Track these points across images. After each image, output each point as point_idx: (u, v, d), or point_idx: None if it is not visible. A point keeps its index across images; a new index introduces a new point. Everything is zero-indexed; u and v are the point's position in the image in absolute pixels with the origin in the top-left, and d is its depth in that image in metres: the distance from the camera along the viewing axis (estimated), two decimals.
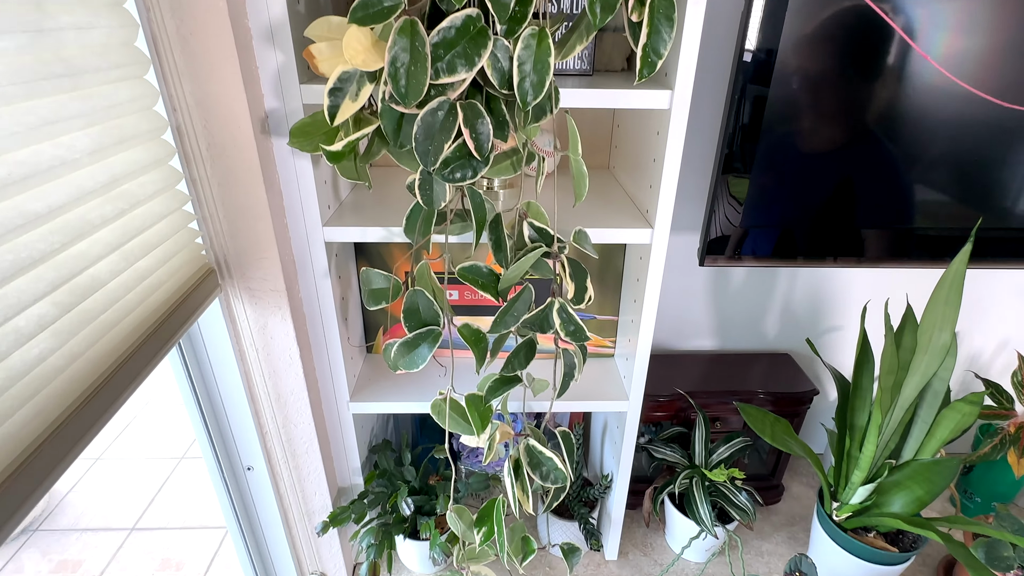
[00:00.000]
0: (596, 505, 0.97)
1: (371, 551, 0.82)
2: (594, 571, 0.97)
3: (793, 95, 0.70)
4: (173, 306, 0.55)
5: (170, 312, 0.55)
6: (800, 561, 0.79)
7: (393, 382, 0.85)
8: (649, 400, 0.97)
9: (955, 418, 0.74)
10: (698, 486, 0.90)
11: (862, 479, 0.81)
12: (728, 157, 0.73)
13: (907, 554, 0.83)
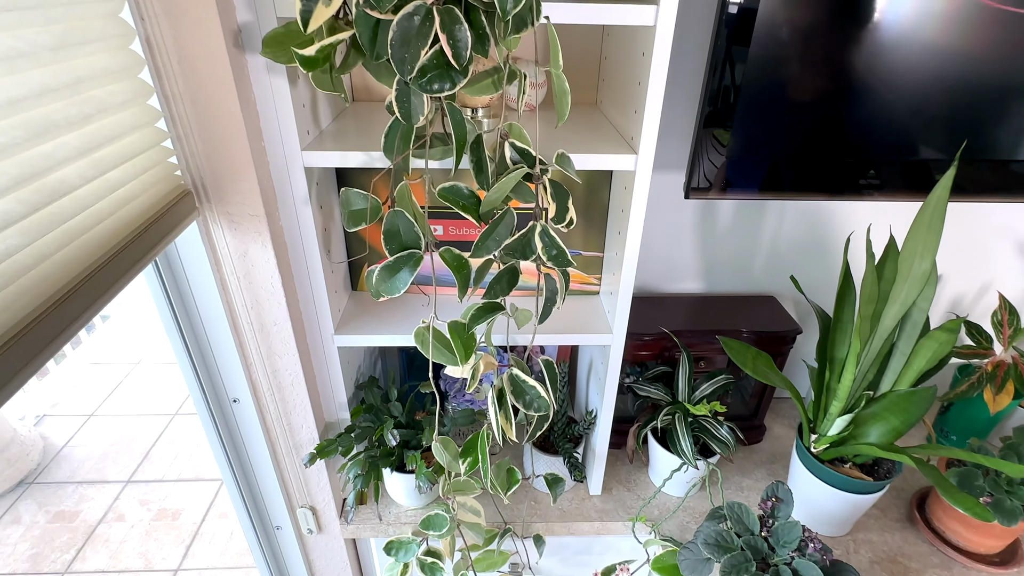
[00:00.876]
0: (581, 441, 0.99)
1: (358, 481, 0.83)
2: (578, 505, 0.99)
3: (781, 17, 0.68)
4: (148, 221, 0.55)
5: (145, 227, 0.54)
6: (777, 488, 0.81)
7: (378, 316, 0.85)
8: (634, 339, 0.98)
9: (932, 347, 0.76)
10: (681, 421, 0.92)
11: (840, 409, 0.83)
12: (715, 87, 0.72)
13: (882, 482, 0.86)
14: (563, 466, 0.96)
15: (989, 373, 1.00)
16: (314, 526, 0.97)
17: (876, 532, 0.96)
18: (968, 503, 0.67)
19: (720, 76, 0.72)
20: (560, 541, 1.03)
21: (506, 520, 0.97)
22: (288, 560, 1.02)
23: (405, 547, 0.90)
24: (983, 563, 0.89)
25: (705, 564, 0.80)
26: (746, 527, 0.80)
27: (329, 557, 1.02)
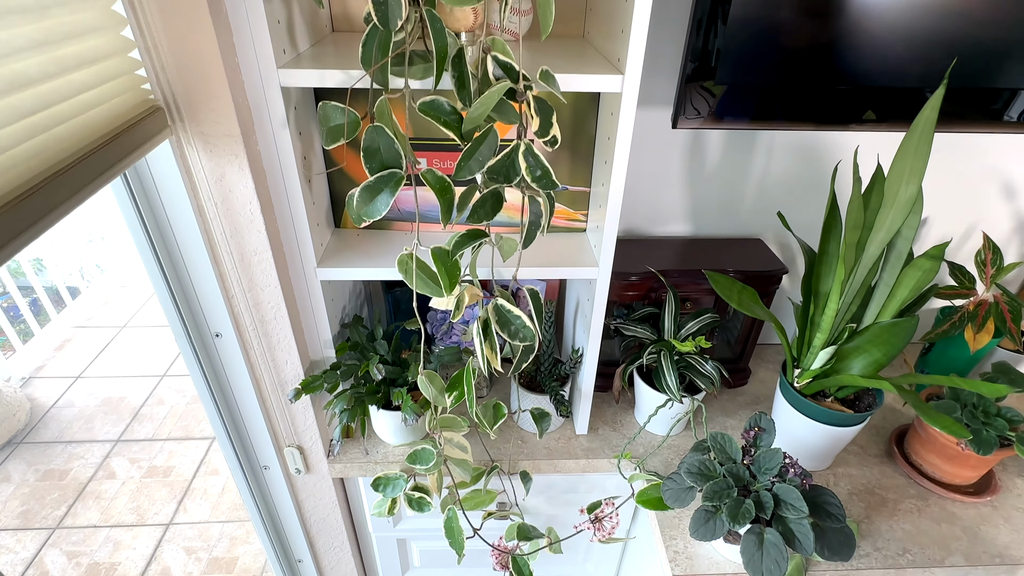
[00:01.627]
0: (567, 381, 0.99)
1: (344, 416, 0.83)
2: (565, 444, 1.00)
3: None
4: (115, 132, 0.53)
5: (111, 136, 0.52)
6: (759, 418, 0.82)
7: (362, 251, 0.83)
8: (620, 279, 0.97)
9: (916, 276, 0.76)
10: (666, 357, 0.92)
11: (823, 342, 0.83)
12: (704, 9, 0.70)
13: (862, 415, 0.87)
14: (550, 404, 0.96)
15: (971, 312, 1.01)
16: (302, 466, 0.97)
17: (855, 467, 0.98)
18: (945, 422, 0.68)
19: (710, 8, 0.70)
20: (546, 480, 1.05)
21: (493, 459, 0.98)
22: (277, 500, 1.03)
23: (392, 483, 0.90)
24: (958, 493, 0.92)
25: (688, 493, 0.81)
26: (729, 456, 0.81)
27: (317, 497, 1.03)
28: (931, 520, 0.89)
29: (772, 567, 0.70)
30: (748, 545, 0.72)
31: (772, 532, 0.72)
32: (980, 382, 0.67)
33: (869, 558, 0.84)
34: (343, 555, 1.14)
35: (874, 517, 0.89)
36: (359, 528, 1.15)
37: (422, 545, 1.17)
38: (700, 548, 0.85)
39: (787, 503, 0.73)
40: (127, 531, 1.78)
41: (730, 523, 0.73)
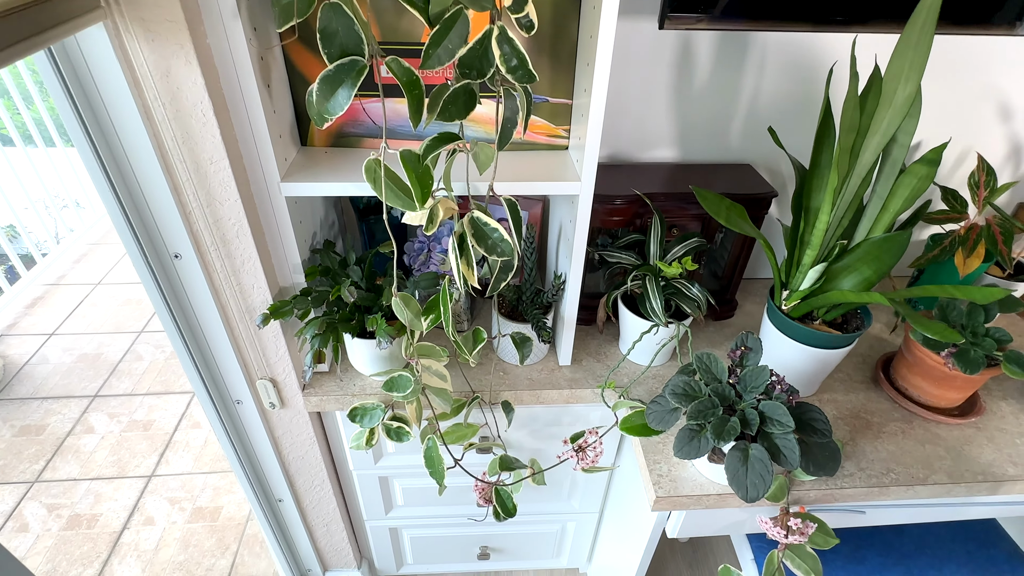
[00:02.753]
0: (550, 309, 0.96)
1: (315, 341, 0.80)
2: (548, 375, 0.98)
3: None
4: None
5: (25, 4, 0.46)
6: (746, 337, 0.80)
7: (330, 167, 0.78)
8: (605, 203, 0.93)
9: (911, 184, 0.73)
10: (651, 281, 0.89)
11: (813, 259, 0.80)
12: None
13: (850, 335, 0.85)
14: (531, 332, 0.93)
15: (961, 237, 0.99)
16: (276, 400, 0.94)
17: (841, 393, 0.97)
18: (937, 328, 0.66)
19: None
20: (530, 413, 1.03)
21: (474, 390, 0.95)
22: (252, 437, 1.00)
23: (369, 413, 0.88)
24: (943, 415, 0.91)
25: (672, 414, 0.79)
26: (714, 376, 0.79)
27: (295, 433, 1.00)
28: (915, 441, 0.89)
29: (756, 481, 0.69)
30: (732, 461, 0.71)
31: (757, 447, 0.71)
32: (973, 288, 0.64)
33: (853, 477, 0.83)
34: (324, 494, 1.13)
35: (859, 439, 0.89)
36: (340, 466, 1.13)
37: (404, 483, 1.15)
38: (684, 471, 0.83)
39: (773, 419, 0.72)
40: (108, 483, 1.76)
41: (714, 440, 0.71)
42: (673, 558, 1.55)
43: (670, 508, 0.82)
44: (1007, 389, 0.99)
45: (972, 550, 1.08)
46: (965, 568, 1.05)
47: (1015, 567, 1.05)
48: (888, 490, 0.82)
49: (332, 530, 1.22)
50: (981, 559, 1.07)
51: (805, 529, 0.72)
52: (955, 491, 0.84)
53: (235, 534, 1.63)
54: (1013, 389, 0.99)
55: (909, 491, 0.83)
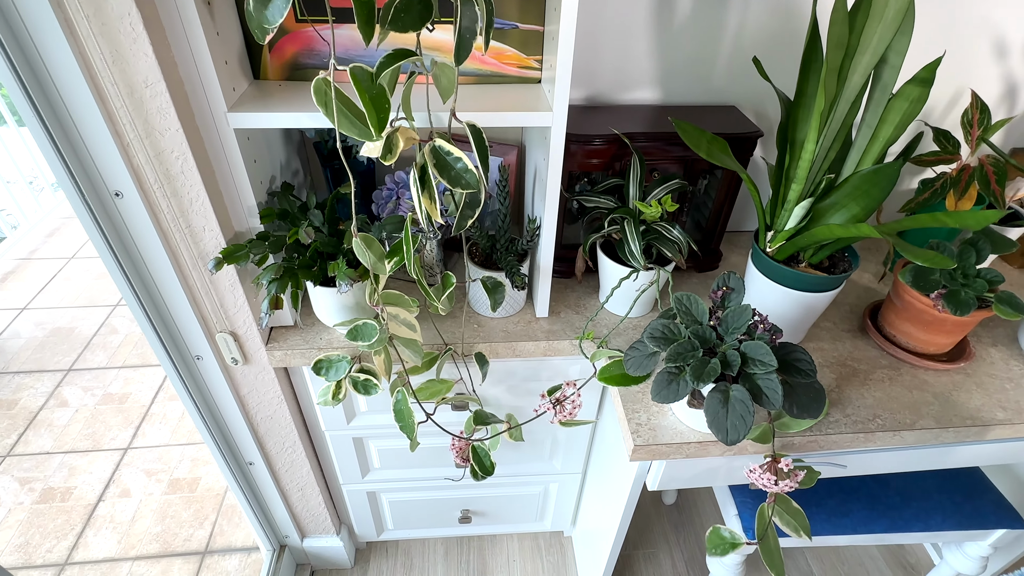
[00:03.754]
0: (526, 257, 0.92)
1: (272, 287, 0.75)
2: (524, 327, 0.94)
3: None
4: None
5: None
6: (728, 277, 0.76)
7: (281, 99, 0.73)
8: (582, 143, 0.89)
9: (902, 108, 0.68)
10: (629, 224, 0.85)
11: (799, 194, 0.76)
12: None
13: (838, 276, 0.81)
14: (505, 279, 0.89)
15: (953, 178, 0.95)
16: (238, 355, 0.89)
17: (828, 341, 0.94)
18: (929, 256, 0.62)
19: None
20: (506, 368, 0.99)
21: (447, 343, 0.91)
22: (216, 395, 0.96)
23: (335, 365, 0.83)
24: (931, 361, 0.88)
25: (651, 359, 0.76)
26: (694, 318, 0.75)
27: (261, 392, 0.96)
28: (903, 388, 0.86)
29: (737, 423, 0.66)
30: (712, 403, 0.67)
31: (738, 388, 0.67)
32: (965, 212, 0.60)
33: (838, 424, 0.80)
34: (296, 456, 1.09)
35: (844, 387, 0.86)
36: (312, 427, 1.09)
37: (380, 444, 1.12)
38: (663, 419, 0.80)
39: (755, 359, 0.68)
40: (82, 456, 1.72)
41: (694, 382, 0.67)
42: (659, 521, 1.54)
43: (649, 458, 0.78)
44: (997, 336, 0.96)
45: (959, 501, 1.06)
46: (951, 519, 1.04)
47: (1001, 518, 1.04)
48: (874, 436, 0.79)
49: (307, 495, 1.19)
50: (967, 510, 1.05)
51: (796, 474, 0.69)
52: (943, 436, 0.81)
53: (214, 504, 1.59)
54: (1003, 335, 0.96)
55: (896, 437, 0.80)
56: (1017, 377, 0.88)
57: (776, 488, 0.70)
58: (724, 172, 0.97)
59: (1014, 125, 1.09)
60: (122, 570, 1.44)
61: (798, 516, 0.72)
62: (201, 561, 1.46)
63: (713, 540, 0.71)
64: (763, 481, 0.70)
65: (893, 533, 1.03)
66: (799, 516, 0.72)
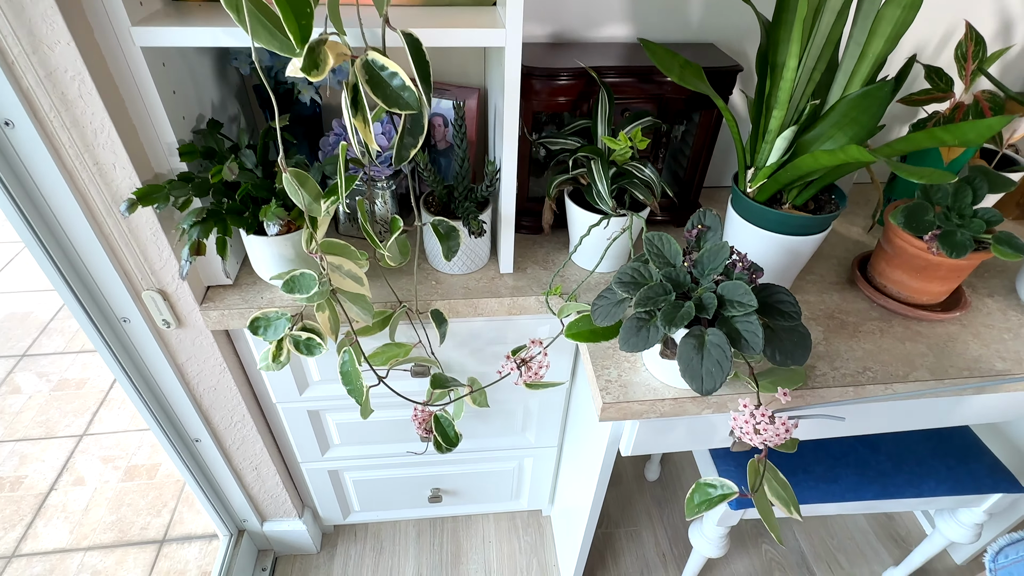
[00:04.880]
0: (487, 206, 0.84)
1: (194, 231, 0.66)
2: (487, 284, 0.86)
3: None
4: None
5: None
6: (703, 215, 0.68)
7: (199, 16, 0.64)
8: (547, 80, 0.81)
9: (894, 16, 0.61)
10: (596, 164, 0.77)
11: (781, 122, 0.69)
12: None
13: (824, 216, 0.74)
14: (463, 228, 0.81)
15: (946, 118, 0.88)
16: (169, 316, 0.81)
17: (814, 294, 0.87)
18: (926, 173, 0.55)
19: None
20: (469, 329, 0.91)
21: (401, 300, 0.83)
22: (150, 363, 0.87)
23: (273, 324, 0.75)
24: (925, 311, 0.82)
25: (620, 307, 0.68)
26: (666, 260, 0.68)
27: (200, 359, 0.88)
28: (894, 339, 0.79)
29: (713, 369, 0.59)
30: (686, 350, 0.60)
31: (714, 332, 0.60)
32: (964, 125, 0.53)
33: (826, 377, 0.73)
34: (247, 431, 1.01)
35: (832, 340, 0.79)
36: (262, 399, 1.01)
37: (338, 417, 1.04)
38: (636, 375, 0.73)
39: (732, 301, 0.61)
40: (34, 444, 1.62)
41: (665, 327, 0.60)
42: (641, 497, 1.48)
43: (620, 417, 0.71)
44: (992, 286, 0.90)
45: (952, 465, 1.01)
46: (945, 484, 0.98)
47: (997, 481, 0.98)
48: (865, 389, 0.73)
49: (263, 474, 1.11)
50: (961, 474, 0.99)
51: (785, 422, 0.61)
52: (939, 389, 0.75)
53: (173, 491, 1.51)
54: (999, 285, 0.90)
55: (887, 389, 0.73)
56: (1016, 327, 0.82)
57: (765, 436, 0.61)
58: (702, 116, 0.89)
59: (1008, 66, 1.03)
60: (73, 561, 1.35)
61: (786, 489, 0.65)
62: (158, 550, 1.38)
63: (697, 495, 0.64)
64: (750, 427, 0.61)
65: (884, 500, 0.97)
66: (787, 489, 0.65)
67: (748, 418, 0.57)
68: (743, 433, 0.58)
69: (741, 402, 0.58)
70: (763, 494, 0.61)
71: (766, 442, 0.56)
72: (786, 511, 0.60)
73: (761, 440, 0.56)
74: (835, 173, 0.72)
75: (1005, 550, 0.60)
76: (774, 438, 0.56)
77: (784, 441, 0.57)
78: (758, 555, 1.36)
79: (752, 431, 0.57)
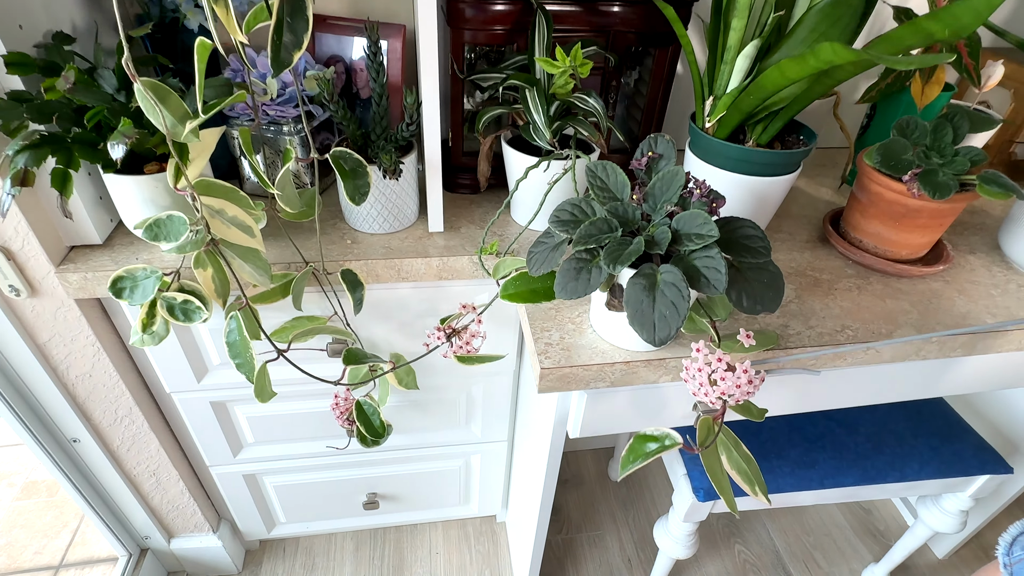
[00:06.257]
0: (410, 151, 0.72)
1: (21, 158, 0.52)
2: (413, 244, 0.74)
3: None
4: None
5: None
6: (654, 141, 0.58)
7: None
8: (479, 8, 0.70)
9: None
10: (532, 93, 0.66)
11: (741, 33, 0.60)
12: None
13: (794, 152, 0.65)
14: (378, 172, 0.69)
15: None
16: (18, 282, 0.66)
17: (783, 252, 0.78)
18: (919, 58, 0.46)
19: None
20: (396, 298, 0.79)
21: (308, 261, 0.71)
22: (2, 343, 0.72)
23: (140, 284, 0.62)
24: (905, 265, 0.73)
25: (558, 251, 0.57)
26: (611, 193, 0.57)
27: (67, 337, 0.73)
28: (874, 297, 0.70)
29: (667, 312, 0.48)
30: (634, 292, 0.49)
31: (669, 269, 0.49)
32: (958, 5, 0.44)
33: (800, 336, 0.63)
34: (136, 429, 0.86)
35: (806, 298, 0.69)
36: (155, 389, 0.86)
37: (248, 410, 0.90)
38: (581, 337, 0.62)
39: (689, 234, 0.50)
40: None
41: (610, 266, 0.49)
42: (605, 499, 1.36)
43: (562, 386, 0.60)
44: (973, 243, 0.82)
45: (935, 446, 0.92)
46: (929, 466, 0.89)
47: (984, 461, 0.90)
48: (844, 348, 0.63)
49: (164, 481, 0.95)
50: (946, 455, 0.90)
51: (748, 372, 0.49)
52: (925, 349, 0.65)
53: (77, 509, 1.32)
54: (979, 243, 0.82)
55: (869, 350, 0.64)
56: (1002, 283, 0.74)
57: (724, 387, 0.47)
58: (656, 56, 0.80)
59: None
60: None
61: (750, 463, 0.54)
62: None
63: (633, 450, 0.52)
64: (704, 376, 0.49)
65: (866, 485, 0.87)
66: (751, 464, 0.53)
67: (703, 365, 0.46)
68: (697, 387, 0.47)
69: (694, 346, 0.47)
70: (714, 452, 0.50)
71: (725, 396, 0.45)
72: (750, 490, 0.49)
73: (719, 393, 0.45)
74: (804, 98, 0.63)
75: (1020, 539, 0.50)
76: (734, 390, 0.45)
77: (747, 397, 0.46)
78: (730, 556, 1.25)
79: (707, 381, 0.45)
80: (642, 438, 0.51)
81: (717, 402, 0.46)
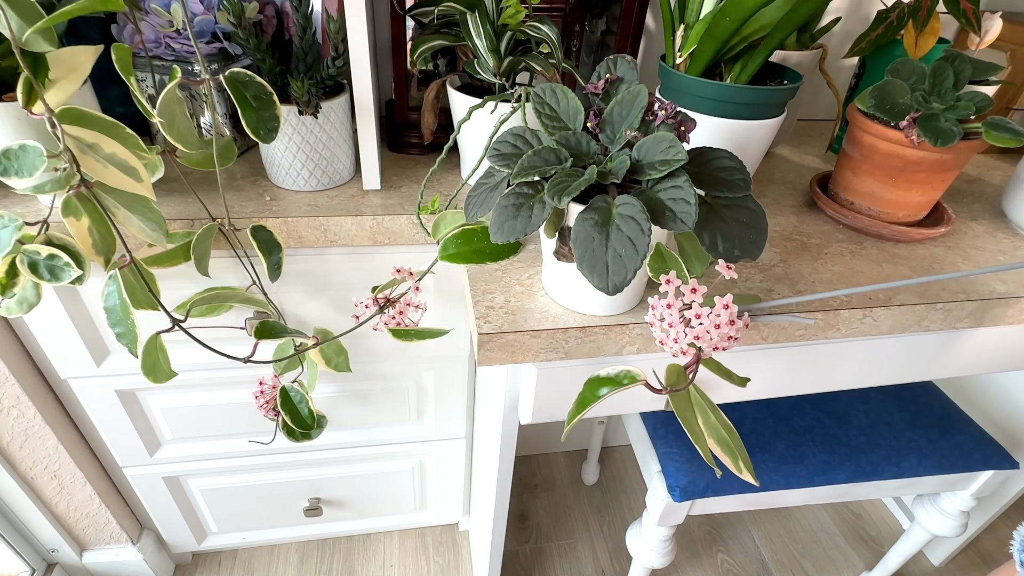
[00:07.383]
0: (341, 92, 0.63)
1: None
2: (345, 202, 0.64)
3: None
4: None
5: None
6: (614, 62, 0.49)
7: None
8: None
9: None
10: (474, 19, 0.57)
11: None
12: None
13: (778, 89, 0.56)
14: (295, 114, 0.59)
15: (912, 7, 0.73)
16: None
17: (768, 216, 0.69)
18: None
19: None
20: (325, 267, 0.69)
21: (215, 216, 0.60)
22: None
23: None
24: (903, 227, 0.64)
25: (497, 190, 0.48)
26: (561, 122, 0.48)
27: None
28: (868, 261, 0.62)
29: (623, 251, 0.38)
30: (584, 229, 0.40)
31: (626, 200, 0.40)
32: None
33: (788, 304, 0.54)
34: (28, 423, 0.74)
35: (792, 262, 0.61)
36: (49, 375, 0.75)
37: (164, 400, 0.78)
38: (530, 301, 0.52)
39: (653, 162, 0.41)
40: None
41: (555, 199, 0.40)
42: (578, 505, 1.26)
43: (507, 357, 0.50)
44: (974, 210, 0.74)
45: (934, 438, 0.83)
46: (928, 460, 0.80)
47: (988, 455, 0.81)
48: (837, 315, 0.54)
49: (67, 485, 0.83)
50: (947, 448, 0.82)
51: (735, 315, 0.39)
52: (929, 318, 0.57)
53: None
54: (981, 210, 0.74)
55: (865, 315, 0.55)
56: (1010, 249, 0.66)
57: (698, 329, 0.37)
58: (625, 2, 0.71)
59: None
60: None
61: (732, 434, 0.44)
62: None
63: (583, 398, 0.42)
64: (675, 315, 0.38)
65: (860, 483, 0.78)
66: (732, 434, 0.44)
67: (672, 301, 0.36)
68: (666, 330, 0.37)
69: (664, 277, 0.37)
70: (686, 400, 0.40)
71: (699, 341, 0.36)
72: (733, 465, 0.40)
73: (692, 336, 0.36)
74: (787, 23, 0.54)
75: None
76: (712, 332, 0.35)
77: (728, 345, 0.36)
78: (712, 565, 1.15)
79: (680, 322, 0.36)
80: (594, 382, 0.41)
81: (689, 351, 0.36)
